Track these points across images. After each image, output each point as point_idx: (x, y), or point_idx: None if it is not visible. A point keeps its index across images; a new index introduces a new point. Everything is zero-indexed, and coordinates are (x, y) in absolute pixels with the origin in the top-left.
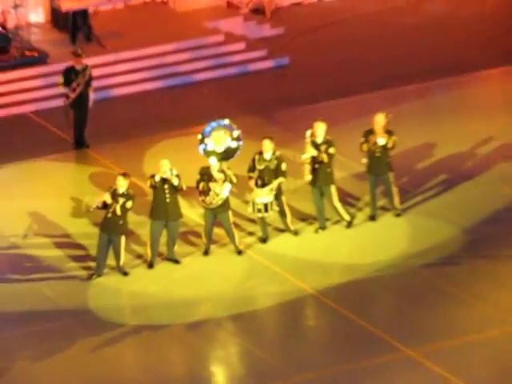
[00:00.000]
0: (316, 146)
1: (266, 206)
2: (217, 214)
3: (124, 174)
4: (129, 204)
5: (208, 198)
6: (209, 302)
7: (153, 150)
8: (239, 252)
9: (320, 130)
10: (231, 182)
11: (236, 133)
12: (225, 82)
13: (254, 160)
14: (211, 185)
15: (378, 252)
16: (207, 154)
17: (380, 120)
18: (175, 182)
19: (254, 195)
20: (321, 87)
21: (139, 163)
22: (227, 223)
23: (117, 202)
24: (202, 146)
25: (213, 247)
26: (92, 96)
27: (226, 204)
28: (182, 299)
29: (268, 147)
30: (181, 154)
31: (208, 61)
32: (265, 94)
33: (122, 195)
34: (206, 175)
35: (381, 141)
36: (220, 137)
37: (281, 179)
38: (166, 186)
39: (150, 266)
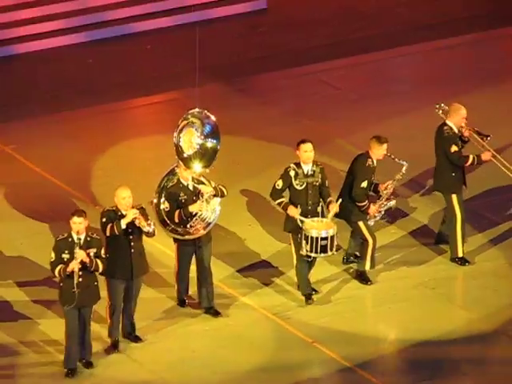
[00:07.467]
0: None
1: (331, 241)
2: (197, 248)
3: (78, 213)
4: (102, 252)
5: (194, 224)
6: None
7: (73, 130)
8: (214, 312)
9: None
10: (222, 195)
11: (211, 123)
12: (177, 33)
13: (285, 177)
14: (194, 207)
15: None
16: (186, 162)
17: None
18: (147, 228)
19: (309, 227)
20: (315, 41)
21: (56, 149)
22: (209, 258)
23: (92, 258)
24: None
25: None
26: None
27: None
28: None
29: (311, 154)
30: (116, 139)
31: (152, 4)
32: (234, 50)
33: (90, 242)
34: (181, 195)
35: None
36: (189, 135)
37: (333, 199)
38: (129, 230)
39: (114, 347)
